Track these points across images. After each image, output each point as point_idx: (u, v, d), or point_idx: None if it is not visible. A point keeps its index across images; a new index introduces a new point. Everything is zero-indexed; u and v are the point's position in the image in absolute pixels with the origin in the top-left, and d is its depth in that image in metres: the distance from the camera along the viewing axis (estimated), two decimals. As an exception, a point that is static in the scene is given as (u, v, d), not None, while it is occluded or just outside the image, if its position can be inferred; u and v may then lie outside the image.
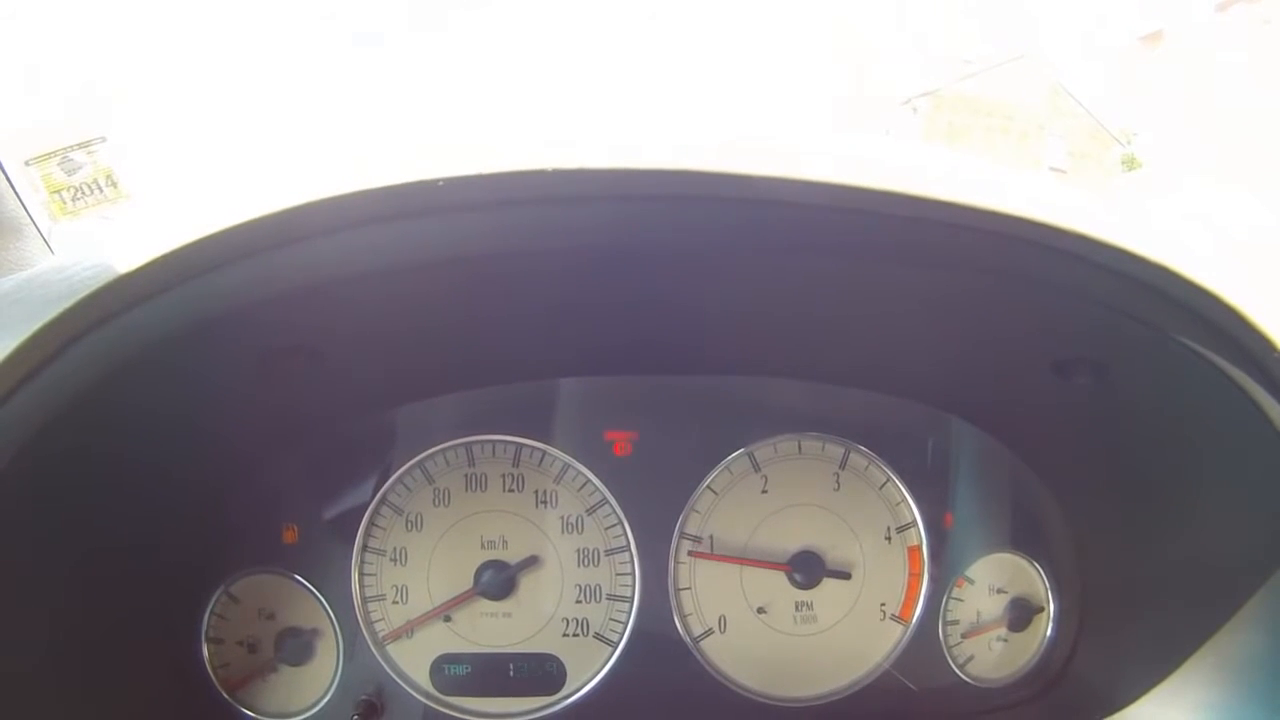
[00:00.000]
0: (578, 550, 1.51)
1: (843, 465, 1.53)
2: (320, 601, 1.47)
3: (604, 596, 1.51)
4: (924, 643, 1.54)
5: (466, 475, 1.50)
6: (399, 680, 1.48)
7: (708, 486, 1.52)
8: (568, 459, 1.50)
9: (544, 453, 1.50)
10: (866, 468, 1.54)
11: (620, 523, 1.50)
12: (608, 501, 1.50)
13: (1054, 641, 1.55)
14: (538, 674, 1.50)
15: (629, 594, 1.51)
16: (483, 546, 1.50)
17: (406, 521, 1.49)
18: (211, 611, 1.46)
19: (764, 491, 1.53)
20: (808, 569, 1.51)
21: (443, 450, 1.49)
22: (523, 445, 1.50)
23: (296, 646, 1.46)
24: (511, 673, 1.50)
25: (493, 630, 1.50)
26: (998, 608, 1.55)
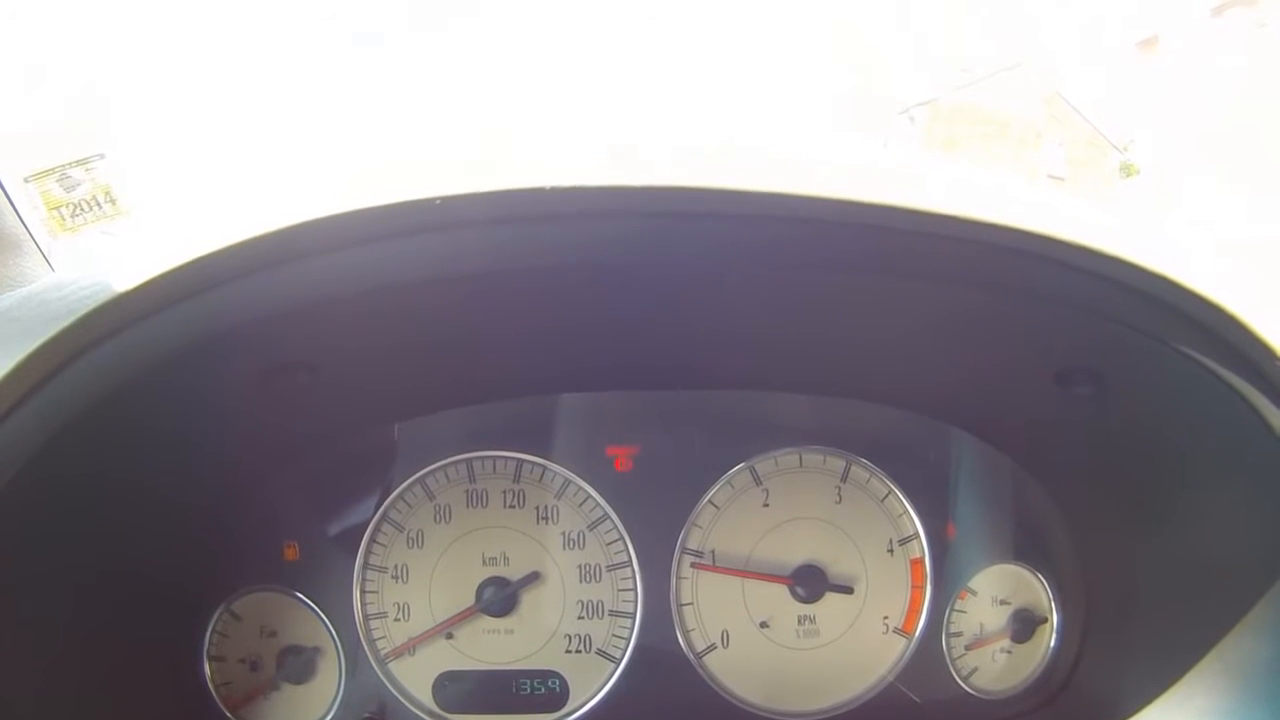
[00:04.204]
0: (579, 566, 1.51)
1: (844, 478, 1.53)
2: (322, 619, 1.47)
3: (606, 612, 1.51)
4: (927, 655, 1.53)
5: (467, 491, 1.49)
6: (401, 698, 1.48)
7: (709, 501, 1.52)
8: (569, 475, 1.49)
9: (545, 468, 1.50)
10: (868, 480, 1.53)
11: (622, 538, 1.50)
12: (609, 517, 1.50)
13: (1058, 652, 1.55)
14: (540, 691, 1.50)
15: (631, 610, 1.51)
16: (484, 563, 1.49)
17: (408, 538, 1.48)
18: (213, 629, 1.45)
19: (765, 505, 1.52)
20: (810, 583, 1.50)
21: (443, 466, 1.49)
22: (524, 461, 1.49)
23: (298, 664, 1.46)
24: (514, 690, 1.49)
25: (495, 647, 1.49)
26: (1001, 619, 1.55)
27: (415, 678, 1.49)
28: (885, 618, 1.53)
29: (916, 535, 1.53)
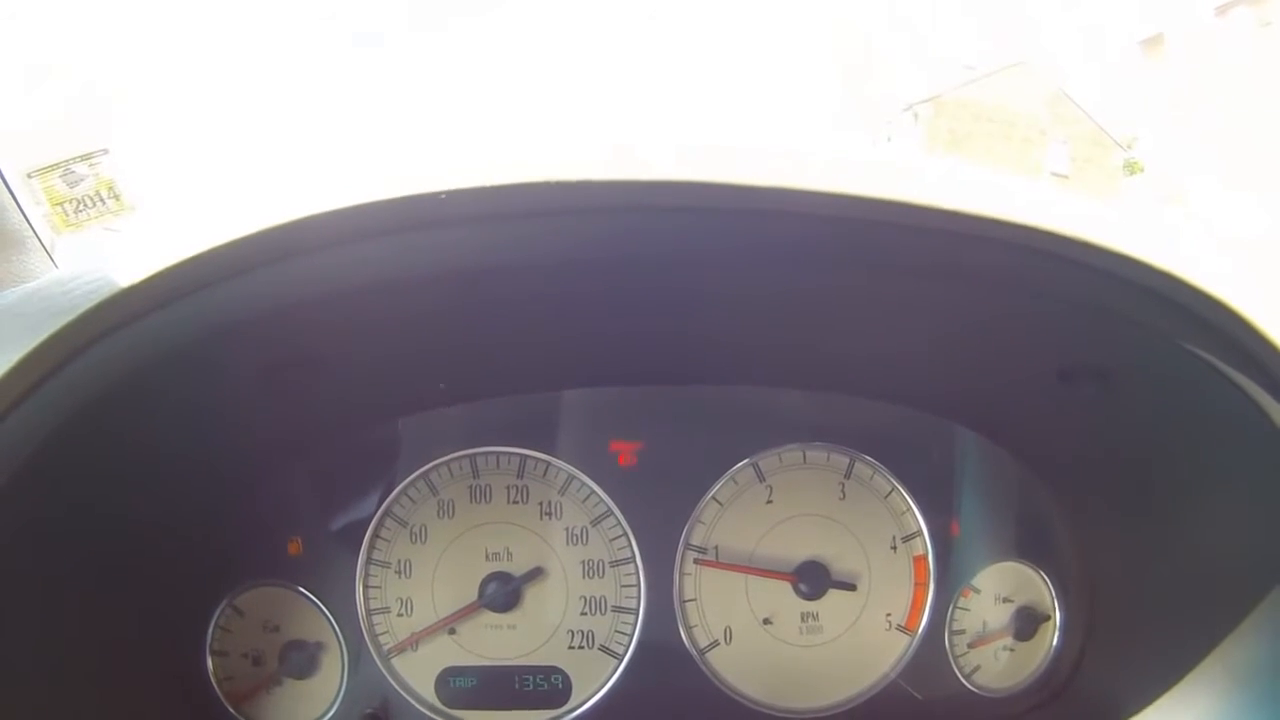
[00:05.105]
0: (583, 562, 1.51)
1: (848, 475, 1.53)
2: (325, 614, 1.47)
3: (609, 608, 1.51)
4: (930, 653, 1.53)
5: (471, 487, 1.49)
6: (404, 693, 1.48)
7: (713, 497, 1.52)
8: (572, 470, 1.49)
9: (548, 464, 1.50)
10: (871, 477, 1.53)
11: (625, 534, 1.50)
12: (612, 513, 1.50)
13: (1060, 650, 1.54)
14: (543, 686, 1.50)
15: (634, 606, 1.51)
16: (487, 558, 1.49)
17: (411, 534, 1.49)
18: (216, 624, 1.45)
19: (769, 502, 1.52)
20: (813, 579, 1.50)
21: (447, 462, 1.49)
22: (527, 457, 1.49)
23: (301, 659, 1.46)
24: (517, 685, 1.49)
25: (498, 643, 1.49)
26: (1004, 617, 1.55)
27: (418, 673, 1.49)
28: (888, 615, 1.53)
29: (920, 532, 1.53)
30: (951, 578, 1.54)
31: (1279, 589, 1.09)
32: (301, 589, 1.47)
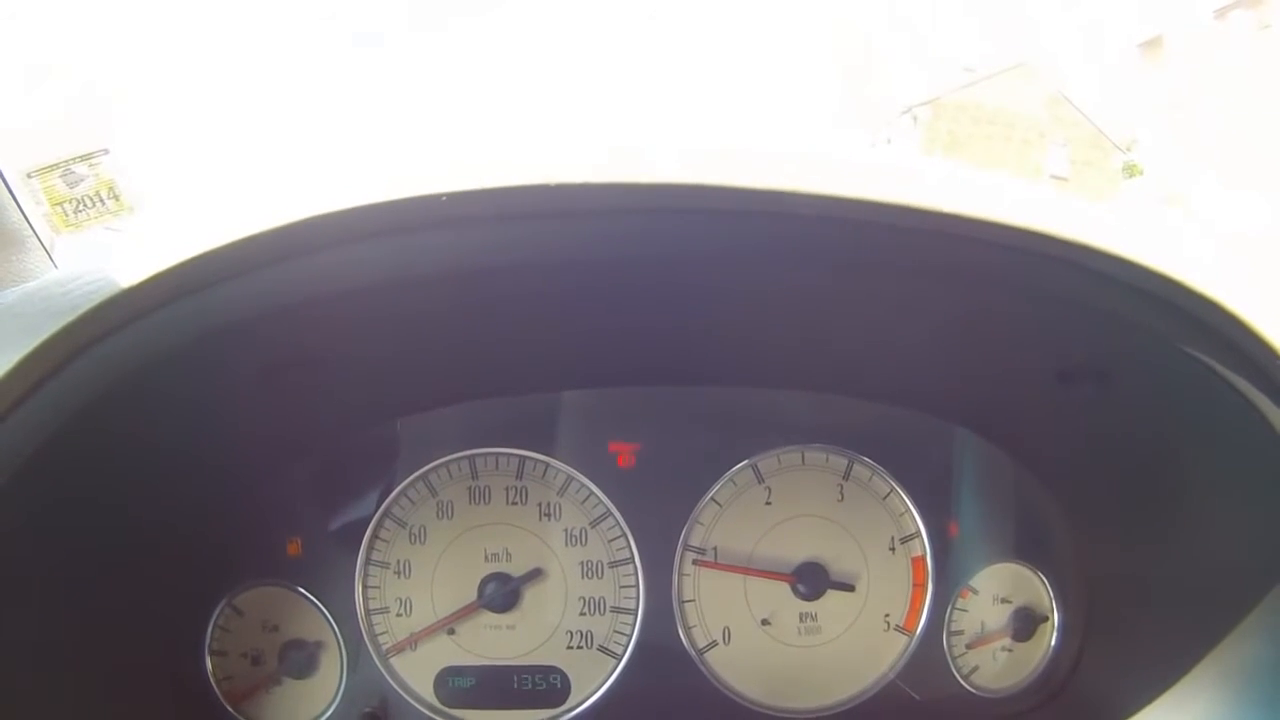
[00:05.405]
0: (581, 563, 1.51)
1: (846, 476, 1.53)
2: (324, 614, 1.47)
3: (608, 609, 1.51)
4: (928, 653, 1.53)
5: (470, 488, 1.50)
6: (403, 693, 1.48)
7: (712, 498, 1.52)
8: (571, 471, 1.49)
9: (547, 465, 1.50)
10: (870, 478, 1.53)
11: (624, 535, 1.50)
12: (611, 514, 1.50)
13: (1058, 651, 1.55)
14: (542, 686, 1.50)
15: (633, 606, 1.51)
16: (486, 559, 1.49)
17: (410, 534, 1.49)
18: (215, 624, 1.45)
19: (768, 503, 1.52)
20: (812, 580, 1.50)
21: (446, 463, 1.49)
22: (526, 458, 1.49)
23: (300, 659, 1.46)
24: (515, 685, 1.50)
25: (497, 643, 1.50)
26: (1002, 618, 1.55)
27: (417, 672, 1.49)
28: (886, 615, 1.53)
29: (918, 533, 1.53)
30: (950, 578, 1.54)
31: (1277, 589, 1.09)
32: (301, 589, 1.47)
